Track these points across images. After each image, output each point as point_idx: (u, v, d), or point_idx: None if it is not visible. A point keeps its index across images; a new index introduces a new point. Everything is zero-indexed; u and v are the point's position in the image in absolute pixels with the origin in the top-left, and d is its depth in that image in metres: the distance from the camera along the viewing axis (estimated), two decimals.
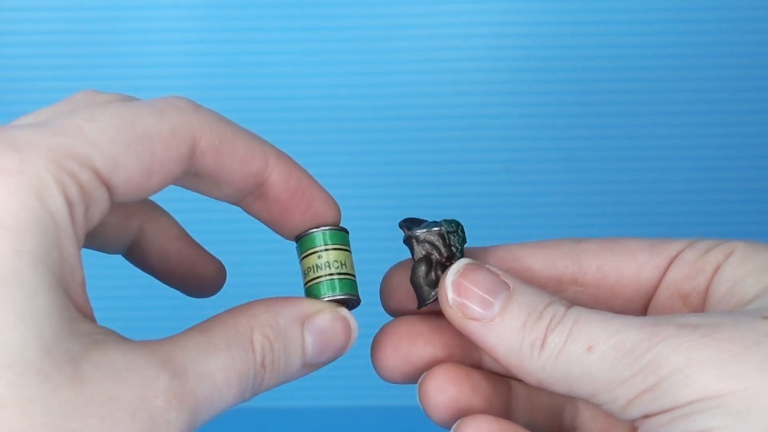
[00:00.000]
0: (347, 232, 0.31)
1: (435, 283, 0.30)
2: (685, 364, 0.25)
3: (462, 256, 0.31)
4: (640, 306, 0.31)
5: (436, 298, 0.30)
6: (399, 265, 0.32)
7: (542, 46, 0.62)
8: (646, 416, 0.26)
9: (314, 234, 0.30)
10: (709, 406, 0.24)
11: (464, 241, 0.31)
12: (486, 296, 0.28)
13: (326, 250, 0.30)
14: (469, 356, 0.32)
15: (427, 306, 0.31)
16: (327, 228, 0.30)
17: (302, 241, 0.31)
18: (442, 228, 0.31)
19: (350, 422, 0.66)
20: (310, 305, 0.29)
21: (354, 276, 0.31)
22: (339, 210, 0.31)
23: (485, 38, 0.62)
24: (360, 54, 0.62)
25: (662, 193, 0.64)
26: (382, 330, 0.32)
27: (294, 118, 0.62)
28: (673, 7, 0.61)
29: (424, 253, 0.31)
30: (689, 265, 0.30)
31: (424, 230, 0.31)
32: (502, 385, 0.32)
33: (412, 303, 0.31)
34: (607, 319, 0.27)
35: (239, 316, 0.27)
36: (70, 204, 0.23)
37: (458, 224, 0.31)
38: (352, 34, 0.61)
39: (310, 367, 0.29)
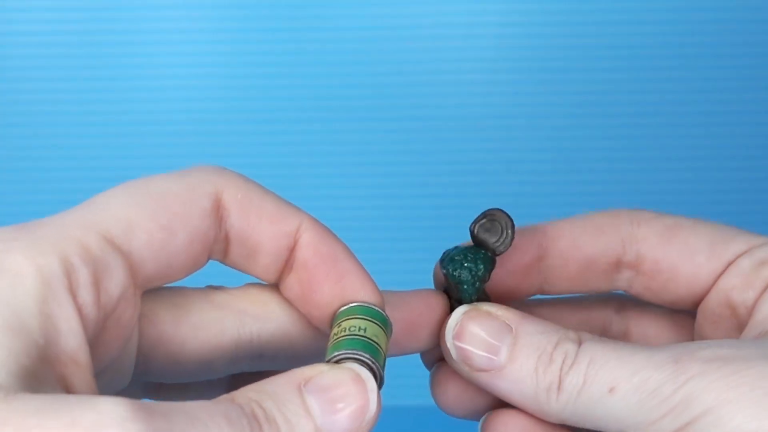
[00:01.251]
0: (390, 322, 0.27)
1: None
2: (717, 404, 0.24)
3: (476, 291, 0.29)
4: (690, 304, 0.31)
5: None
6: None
7: (543, 46, 0.62)
8: None
9: (352, 305, 0.27)
10: None
11: (483, 272, 0.29)
12: (490, 342, 0.27)
13: (358, 318, 0.26)
14: None
15: None
16: (368, 304, 0.27)
17: (336, 315, 0.27)
18: (445, 268, 0.29)
19: None
20: (307, 370, 0.24)
21: (382, 349, 0.26)
22: (377, 292, 0.27)
23: (486, 39, 0.62)
24: (360, 54, 0.62)
25: (663, 193, 0.64)
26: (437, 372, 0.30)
27: (294, 119, 0.62)
28: (674, 7, 0.61)
29: (443, 288, 0.30)
30: (742, 275, 0.29)
31: (439, 265, 0.29)
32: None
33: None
34: (624, 356, 0.26)
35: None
36: (66, 265, 0.22)
37: (467, 256, 0.29)
38: (352, 34, 0.61)
39: None
